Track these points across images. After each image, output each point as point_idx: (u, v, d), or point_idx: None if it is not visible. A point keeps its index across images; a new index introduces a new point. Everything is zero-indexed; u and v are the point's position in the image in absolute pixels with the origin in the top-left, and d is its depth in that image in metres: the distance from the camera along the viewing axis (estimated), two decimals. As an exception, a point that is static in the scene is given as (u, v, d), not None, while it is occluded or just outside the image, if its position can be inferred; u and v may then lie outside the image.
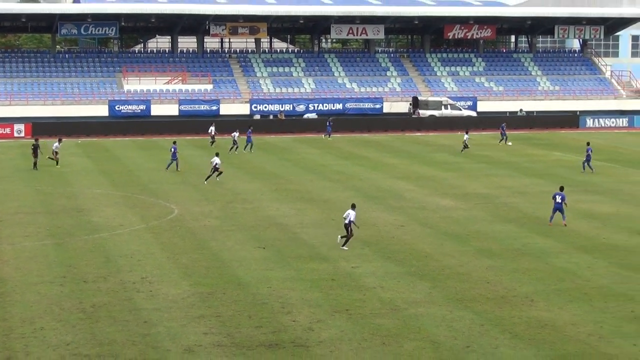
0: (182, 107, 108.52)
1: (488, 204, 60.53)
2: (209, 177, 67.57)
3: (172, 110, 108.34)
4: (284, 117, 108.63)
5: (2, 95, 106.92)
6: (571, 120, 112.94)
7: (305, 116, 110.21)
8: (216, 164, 67.28)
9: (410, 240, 49.75)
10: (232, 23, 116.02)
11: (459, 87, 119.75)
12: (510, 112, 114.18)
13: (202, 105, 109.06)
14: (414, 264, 44.65)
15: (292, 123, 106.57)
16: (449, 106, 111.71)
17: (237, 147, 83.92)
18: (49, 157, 76.17)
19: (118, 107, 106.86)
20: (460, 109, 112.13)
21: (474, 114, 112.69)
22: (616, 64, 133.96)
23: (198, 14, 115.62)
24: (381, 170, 76.37)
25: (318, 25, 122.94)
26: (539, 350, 32.59)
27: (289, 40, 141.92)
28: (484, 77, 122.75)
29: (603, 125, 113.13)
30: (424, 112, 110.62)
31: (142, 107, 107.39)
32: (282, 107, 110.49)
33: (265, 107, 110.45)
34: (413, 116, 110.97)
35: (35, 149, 74.42)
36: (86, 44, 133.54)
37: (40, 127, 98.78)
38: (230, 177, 71.31)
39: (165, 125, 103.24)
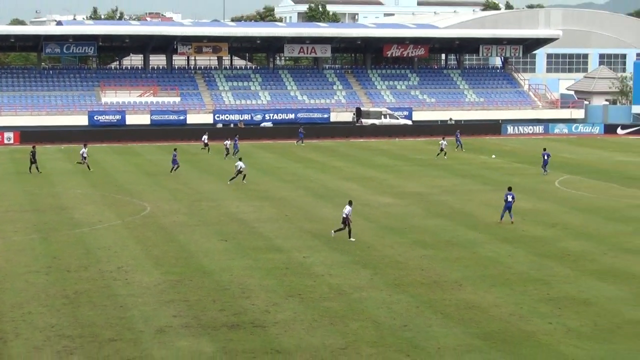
0: (154, 117, 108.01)
1: (422, 201, 60.75)
2: (232, 178, 67.31)
3: (144, 119, 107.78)
4: (243, 126, 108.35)
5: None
6: (494, 127, 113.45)
7: (262, 125, 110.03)
8: (240, 167, 67.11)
9: (355, 233, 49.84)
10: (197, 43, 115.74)
11: (397, 99, 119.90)
12: (441, 121, 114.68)
13: (171, 116, 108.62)
14: (357, 253, 44.77)
15: (250, 131, 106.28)
16: (387, 116, 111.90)
17: (227, 154, 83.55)
18: (77, 162, 75.89)
19: (97, 117, 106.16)
20: (398, 118, 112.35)
21: (409, 122, 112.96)
22: (533, 79, 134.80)
23: (167, 35, 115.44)
24: (329, 172, 76.38)
25: (273, 45, 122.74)
26: (467, 328, 32.81)
27: (247, 58, 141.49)
28: (418, 90, 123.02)
29: (522, 132, 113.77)
30: (366, 121, 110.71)
31: (118, 117, 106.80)
32: (241, 117, 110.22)
33: (227, 117, 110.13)
34: (356, 124, 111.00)
35: (33, 155, 73.71)
36: (68, 61, 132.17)
37: (28, 135, 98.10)
38: (196, 179, 71.18)
39: (138, 133, 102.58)
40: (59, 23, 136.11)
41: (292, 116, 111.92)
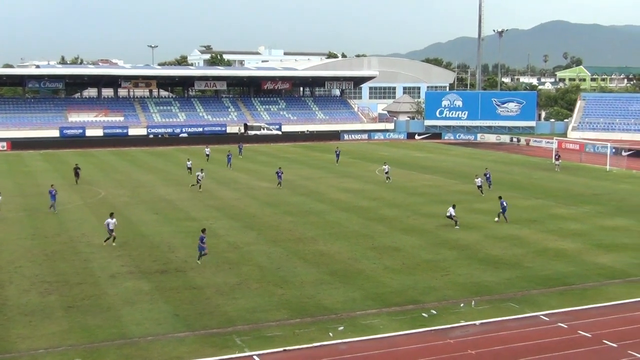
0: (105, 131, 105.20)
1: (289, 185, 60.90)
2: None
3: (99, 132, 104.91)
4: (167, 136, 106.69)
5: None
6: (335, 135, 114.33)
7: (180, 135, 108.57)
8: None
9: (244, 207, 49.73)
10: (135, 80, 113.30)
11: (271, 117, 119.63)
12: (301, 132, 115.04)
13: (117, 129, 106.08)
14: (246, 220, 44.68)
15: (172, 139, 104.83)
16: (265, 128, 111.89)
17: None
18: (192, 185, 59.26)
19: (65, 131, 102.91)
20: (272, 130, 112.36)
21: (280, 132, 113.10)
22: (361, 103, 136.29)
23: (114, 75, 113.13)
24: (226, 166, 75.69)
25: (187, 81, 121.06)
26: (320, 268, 33.01)
27: (169, 90, 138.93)
28: (285, 111, 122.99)
29: (353, 138, 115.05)
30: (251, 132, 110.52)
31: (80, 131, 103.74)
32: (166, 130, 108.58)
33: (156, 130, 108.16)
34: (244, 134, 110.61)
35: (76, 170, 63.97)
36: (44, 93, 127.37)
37: (17, 144, 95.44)
38: (135, 172, 69.77)
39: (95, 142, 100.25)
40: (38, 66, 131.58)
41: (201, 129, 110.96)
